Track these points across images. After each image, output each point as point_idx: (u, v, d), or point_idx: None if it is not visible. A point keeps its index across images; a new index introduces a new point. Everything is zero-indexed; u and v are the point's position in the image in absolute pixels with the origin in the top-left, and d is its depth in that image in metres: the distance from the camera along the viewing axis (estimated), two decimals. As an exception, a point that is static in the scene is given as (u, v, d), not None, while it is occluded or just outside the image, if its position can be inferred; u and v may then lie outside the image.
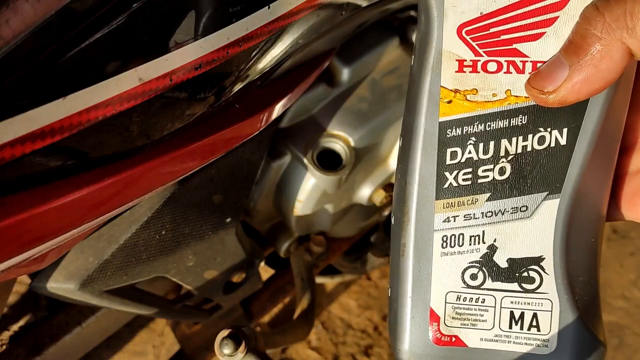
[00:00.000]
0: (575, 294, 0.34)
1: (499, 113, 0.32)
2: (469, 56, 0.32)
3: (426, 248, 0.34)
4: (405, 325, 0.35)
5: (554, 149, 0.32)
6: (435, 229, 0.34)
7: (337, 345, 1.30)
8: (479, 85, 0.32)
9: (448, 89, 0.33)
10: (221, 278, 0.78)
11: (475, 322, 0.35)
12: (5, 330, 0.78)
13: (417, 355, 0.35)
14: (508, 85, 0.32)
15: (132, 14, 0.34)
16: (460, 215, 0.34)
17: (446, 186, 0.34)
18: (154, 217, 0.62)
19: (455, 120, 0.33)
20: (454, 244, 0.34)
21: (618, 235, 1.50)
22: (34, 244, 0.36)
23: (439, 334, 0.35)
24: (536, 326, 0.34)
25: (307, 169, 0.75)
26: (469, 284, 0.34)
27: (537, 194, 0.33)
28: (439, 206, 0.34)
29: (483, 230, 0.34)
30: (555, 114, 0.32)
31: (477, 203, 0.34)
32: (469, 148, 0.33)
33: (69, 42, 0.32)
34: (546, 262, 0.34)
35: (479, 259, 0.34)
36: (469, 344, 0.35)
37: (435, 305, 0.35)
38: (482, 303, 0.34)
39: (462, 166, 0.33)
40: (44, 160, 0.34)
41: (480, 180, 0.33)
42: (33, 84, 0.31)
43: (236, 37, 0.40)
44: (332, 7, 0.50)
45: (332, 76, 0.75)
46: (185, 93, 0.40)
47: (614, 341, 1.31)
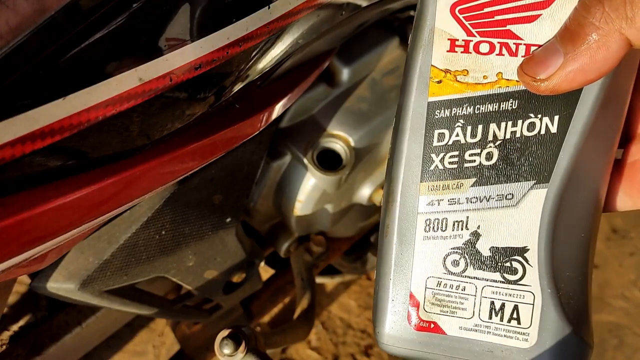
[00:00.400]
0: (560, 289, 0.33)
1: (489, 96, 0.32)
2: (461, 36, 0.31)
3: (409, 230, 0.34)
4: (385, 308, 0.35)
5: (543, 137, 0.32)
6: (419, 211, 0.33)
7: (337, 345, 1.30)
8: (470, 66, 0.31)
9: (438, 69, 0.32)
10: (221, 278, 0.78)
11: (455, 310, 0.34)
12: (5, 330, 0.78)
13: (396, 338, 0.35)
14: (500, 68, 0.31)
15: (132, 14, 0.34)
16: (445, 200, 0.33)
17: (432, 168, 0.33)
18: (154, 217, 0.62)
19: (444, 101, 0.32)
20: (437, 229, 0.33)
21: (618, 235, 1.50)
22: (34, 244, 0.36)
23: (417, 319, 0.34)
24: (517, 318, 0.33)
25: (307, 169, 0.75)
26: (450, 270, 0.34)
27: (525, 182, 0.32)
28: (423, 188, 0.33)
29: (467, 216, 0.33)
30: (546, 101, 0.31)
31: (462, 188, 0.33)
32: (456, 130, 0.32)
33: (69, 42, 0.32)
34: (530, 254, 0.33)
35: (461, 246, 0.33)
36: (448, 331, 0.34)
37: (416, 289, 0.34)
38: (463, 291, 0.34)
39: (449, 149, 0.33)
40: (44, 161, 0.34)
41: (466, 165, 0.33)
42: (33, 84, 0.31)
43: (236, 37, 0.40)
44: (332, 7, 0.50)
45: (332, 76, 0.75)
46: (185, 93, 0.40)
47: (614, 341, 1.31)
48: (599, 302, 1.38)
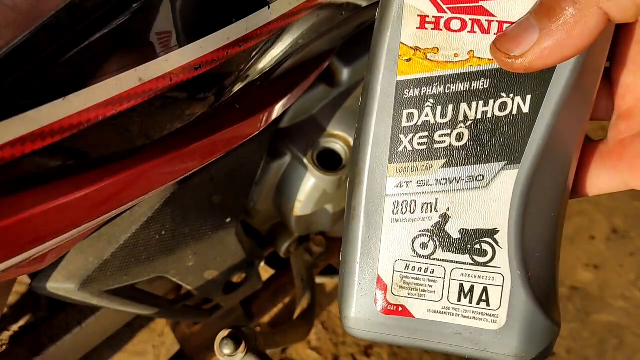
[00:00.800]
0: (529, 270, 0.33)
1: (459, 75, 0.31)
2: (431, 12, 0.30)
3: (377, 213, 0.33)
4: (351, 291, 0.34)
5: (515, 117, 0.31)
6: (387, 193, 0.33)
7: (337, 345, 1.30)
8: (441, 44, 0.30)
9: (408, 46, 0.31)
10: (221, 278, 0.78)
11: (423, 293, 0.33)
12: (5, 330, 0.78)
13: (363, 322, 0.34)
14: (471, 46, 0.30)
15: (132, 14, 0.34)
16: (414, 181, 0.32)
17: (400, 149, 0.32)
18: (154, 217, 0.62)
19: (414, 80, 0.31)
20: (405, 211, 0.33)
21: (618, 236, 1.50)
22: (34, 244, 0.36)
23: (385, 302, 0.34)
24: (486, 301, 0.33)
25: (307, 169, 0.75)
26: (419, 253, 0.33)
27: (495, 163, 0.31)
28: (391, 170, 0.32)
29: (436, 198, 0.32)
30: (519, 80, 0.30)
31: (432, 169, 0.32)
32: (426, 110, 0.31)
33: (69, 42, 0.32)
34: (500, 236, 0.32)
35: (430, 228, 0.33)
36: (416, 314, 0.34)
37: (383, 272, 0.33)
38: (432, 274, 0.33)
39: (418, 129, 0.32)
40: (44, 161, 0.34)
41: (436, 146, 0.32)
42: (33, 84, 0.31)
43: (236, 37, 0.40)
44: (332, 7, 0.50)
45: (332, 76, 0.75)
46: (185, 93, 0.40)
47: (614, 341, 1.31)
48: (599, 302, 1.38)
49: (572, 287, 1.40)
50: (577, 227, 1.51)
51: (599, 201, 1.56)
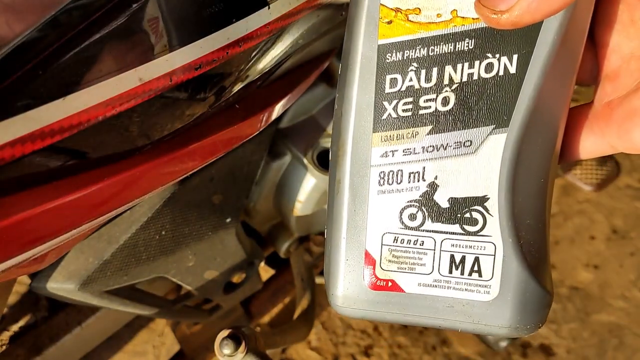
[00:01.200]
0: (521, 237, 0.32)
1: (443, 36, 0.29)
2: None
3: (362, 185, 0.32)
4: (338, 268, 0.33)
5: (502, 78, 0.30)
6: (372, 164, 0.31)
7: (337, 346, 1.30)
8: (423, 4, 0.29)
9: (388, 8, 0.29)
10: (221, 278, 0.78)
11: (413, 266, 0.32)
12: (5, 330, 0.78)
13: (352, 300, 0.33)
14: (454, 5, 0.29)
15: (132, 14, 0.34)
16: (399, 150, 0.31)
17: (384, 117, 0.31)
18: (154, 218, 0.62)
19: (396, 43, 0.30)
20: (392, 181, 0.31)
21: (618, 236, 1.50)
22: (33, 244, 0.36)
23: (374, 278, 0.32)
24: (477, 271, 0.32)
25: (307, 169, 0.75)
26: (407, 225, 0.32)
27: (483, 127, 0.30)
28: (376, 139, 0.31)
29: (423, 166, 0.31)
30: (504, 39, 0.29)
31: (418, 136, 0.31)
32: (410, 75, 0.30)
33: (69, 42, 0.32)
34: (490, 203, 0.31)
35: (418, 198, 0.31)
36: (406, 289, 0.32)
37: (371, 247, 0.32)
38: (421, 245, 0.32)
39: (402, 95, 0.30)
40: (43, 161, 0.34)
41: (421, 112, 0.30)
42: (33, 84, 0.31)
43: (236, 37, 0.40)
44: (332, 7, 0.50)
45: (332, 76, 0.75)
46: (185, 93, 0.40)
47: (614, 341, 1.31)
48: (599, 302, 1.38)
49: (572, 287, 1.40)
50: (577, 227, 1.51)
51: (599, 201, 1.56)
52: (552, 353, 1.31)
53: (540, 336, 1.33)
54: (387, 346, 1.30)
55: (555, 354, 1.31)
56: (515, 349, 1.30)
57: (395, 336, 1.31)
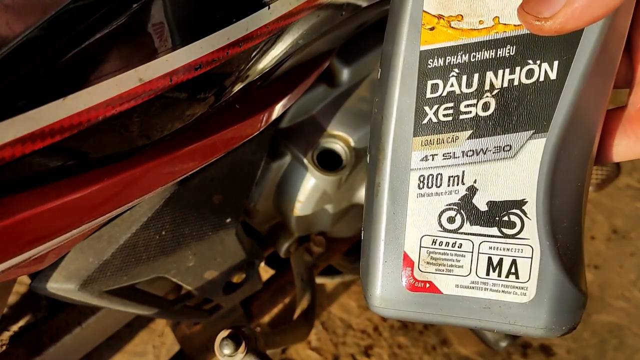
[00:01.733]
0: (558, 240, 0.32)
1: (485, 42, 0.30)
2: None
3: (402, 188, 0.32)
4: (377, 269, 0.33)
5: (542, 84, 0.30)
6: (412, 167, 0.32)
7: (337, 346, 1.30)
8: (465, 10, 0.29)
9: (431, 14, 0.30)
10: (221, 278, 0.78)
11: (451, 268, 0.33)
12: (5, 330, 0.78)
13: (389, 301, 0.33)
14: (496, 12, 0.29)
15: (132, 14, 0.34)
16: (439, 154, 0.31)
17: (425, 122, 0.31)
18: (154, 218, 0.62)
19: (438, 49, 0.30)
20: (431, 185, 0.32)
21: (618, 236, 1.50)
22: (34, 244, 0.36)
23: (412, 279, 0.33)
24: (515, 273, 0.32)
25: (307, 169, 0.75)
26: (446, 228, 0.32)
27: (523, 132, 0.31)
28: (416, 143, 0.31)
29: (463, 170, 0.31)
30: (545, 45, 0.29)
31: (458, 141, 0.31)
32: (451, 80, 0.30)
33: (69, 42, 0.32)
34: (528, 206, 0.32)
35: (457, 201, 0.32)
36: (444, 290, 0.33)
37: (410, 249, 0.33)
38: (459, 248, 0.32)
39: (443, 100, 0.31)
40: (44, 161, 0.34)
41: (462, 117, 0.31)
42: (33, 85, 0.31)
43: (236, 37, 0.40)
44: (332, 8, 0.50)
45: (332, 76, 0.75)
46: (185, 93, 0.40)
47: (614, 341, 1.31)
48: (599, 302, 1.38)
49: (572, 288, 1.40)
50: (577, 227, 1.50)
51: (599, 201, 1.56)
52: (552, 353, 1.31)
53: (541, 336, 1.33)
54: (387, 346, 1.30)
55: (555, 354, 1.31)
56: (515, 349, 1.30)
57: (396, 336, 1.31)
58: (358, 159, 0.77)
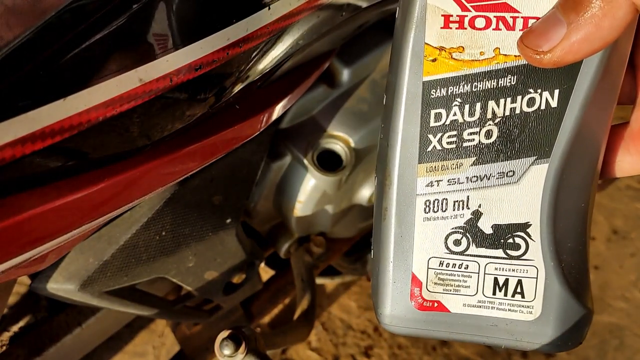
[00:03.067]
0: (562, 260, 0.33)
1: (486, 73, 0.30)
2: (455, 11, 0.30)
3: (408, 212, 0.33)
4: (386, 289, 0.34)
5: (544, 112, 0.31)
6: (418, 193, 0.33)
7: (337, 346, 1.30)
8: (466, 42, 0.30)
9: (433, 47, 0.30)
10: (221, 279, 0.78)
11: (458, 288, 0.34)
12: (5, 331, 0.78)
13: (399, 319, 0.35)
14: (497, 43, 0.30)
15: (132, 15, 0.34)
16: (444, 180, 0.32)
17: (430, 149, 0.32)
18: (154, 218, 0.62)
19: (440, 80, 0.31)
20: (437, 209, 0.33)
21: (618, 236, 1.50)
22: (34, 244, 0.36)
23: (420, 299, 0.34)
24: (520, 293, 0.34)
25: (307, 169, 0.75)
26: (452, 250, 0.33)
27: (525, 158, 0.32)
28: (421, 170, 0.33)
29: (467, 195, 0.32)
30: (546, 75, 0.30)
31: (462, 167, 0.32)
32: (454, 110, 0.31)
33: (69, 43, 0.32)
34: (532, 229, 0.33)
35: (462, 225, 0.33)
36: (452, 309, 0.34)
37: (417, 270, 0.34)
38: (466, 269, 0.34)
39: (446, 129, 0.32)
40: (44, 161, 0.34)
41: (465, 144, 0.32)
42: (33, 85, 0.31)
43: (236, 37, 0.41)
44: (332, 8, 0.50)
45: (333, 77, 0.75)
46: (185, 94, 0.40)
47: (614, 342, 1.31)
48: (599, 303, 1.38)
49: (572, 288, 1.40)
50: (577, 227, 1.50)
51: (599, 202, 1.56)
52: (553, 354, 1.31)
53: (541, 337, 1.33)
54: (387, 347, 1.30)
55: (555, 354, 1.31)
56: (515, 350, 1.30)
57: (396, 337, 1.31)
58: (358, 160, 0.77)
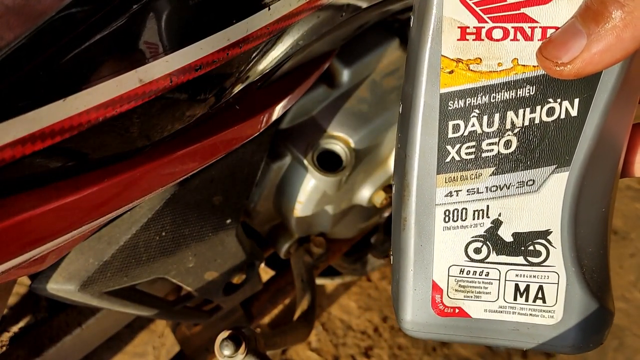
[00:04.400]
0: (583, 265, 0.33)
1: (505, 84, 0.30)
2: (472, 23, 0.29)
3: (428, 222, 0.33)
4: (407, 296, 0.35)
5: (563, 121, 0.30)
6: (437, 203, 0.33)
7: (337, 347, 1.30)
8: (483, 54, 0.30)
9: (449, 59, 0.30)
10: (221, 279, 0.78)
11: (479, 294, 0.34)
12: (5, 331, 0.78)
13: (421, 324, 0.35)
14: (515, 54, 0.29)
15: (132, 15, 0.34)
16: (463, 190, 0.32)
17: (448, 160, 0.32)
18: (154, 219, 0.62)
19: (458, 91, 0.31)
20: (456, 219, 0.33)
21: (618, 237, 1.50)
22: (34, 245, 0.36)
23: (442, 305, 0.35)
24: (542, 298, 0.34)
25: (307, 170, 0.75)
26: (473, 258, 0.34)
27: (545, 167, 0.31)
28: (440, 180, 0.32)
29: (487, 205, 0.32)
30: (566, 85, 0.30)
31: (481, 177, 0.32)
32: (472, 121, 0.31)
33: (69, 43, 0.32)
34: (553, 236, 0.32)
35: (483, 233, 0.33)
36: (473, 315, 0.35)
37: (438, 278, 0.34)
38: (487, 276, 0.34)
39: (465, 139, 0.31)
40: (44, 162, 0.34)
41: (484, 155, 0.32)
42: (33, 86, 0.31)
43: (236, 38, 0.41)
44: (332, 9, 0.50)
45: (333, 77, 0.75)
46: (185, 94, 0.40)
47: (614, 342, 1.31)
48: (599, 303, 1.38)
49: (573, 288, 1.40)
50: (578, 228, 1.50)
51: (599, 202, 1.56)
52: (553, 354, 1.31)
53: (541, 337, 1.33)
54: (388, 347, 1.30)
55: (555, 354, 1.31)
56: (515, 350, 1.30)
57: (396, 337, 1.31)
58: (358, 160, 0.77)
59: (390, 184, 0.83)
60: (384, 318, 1.33)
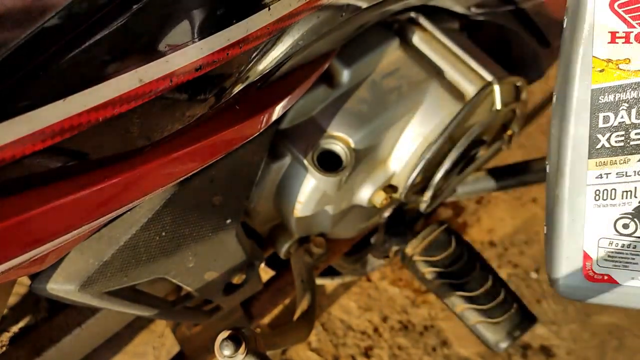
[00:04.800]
0: None
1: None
2: (621, 28, 0.33)
3: (579, 200, 0.38)
4: (560, 263, 0.39)
5: None
6: (588, 183, 0.37)
7: (337, 347, 1.30)
8: (633, 55, 0.34)
9: (600, 59, 0.34)
10: (221, 279, 0.78)
11: (627, 264, 0.38)
12: (5, 331, 0.78)
13: (572, 288, 0.40)
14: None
15: (132, 16, 0.34)
16: (613, 173, 0.36)
17: (599, 147, 0.36)
18: (154, 219, 0.62)
19: (608, 87, 0.34)
20: (606, 197, 0.37)
21: (618, 237, 1.50)
22: (34, 245, 0.36)
23: (591, 272, 0.39)
24: None
25: (307, 170, 0.75)
26: (621, 232, 0.37)
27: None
28: (591, 164, 0.37)
29: (635, 186, 0.36)
30: None
31: (630, 162, 0.36)
32: (621, 113, 0.35)
33: (69, 43, 0.32)
34: None
35: (631, 211, 0.37)
36: (621, 282, 0.38)
37: (588, 248, 0.38)
38: (634, 249, 0.37)
39: (614, 129, 0.35)
40: (44, 162, 0.34)
41: (632, 143, 0.35)
42: (34, 86, 0.31)
43: (236, 38, 0.41)
44: (332, 9, 0.50)
45: (332, 77, 0.75)
46: (185, 94, 0.40)
47: (614, 343, 1.31)
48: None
49: (572, 289, 1.40)
50: (577, 228, 1.50)
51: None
52: (553, 354, 1.31)
53: (541, 337, 1.33)
54: (387, 347, 1.30)
55: (555, 355, 1.31)
56: (515, 350, 1.30)
57: (396, 337, 1.31)
58: (358, 160, 0.77)
59: (390, 185, 0.83)
60: (384, 318, 1.33)
